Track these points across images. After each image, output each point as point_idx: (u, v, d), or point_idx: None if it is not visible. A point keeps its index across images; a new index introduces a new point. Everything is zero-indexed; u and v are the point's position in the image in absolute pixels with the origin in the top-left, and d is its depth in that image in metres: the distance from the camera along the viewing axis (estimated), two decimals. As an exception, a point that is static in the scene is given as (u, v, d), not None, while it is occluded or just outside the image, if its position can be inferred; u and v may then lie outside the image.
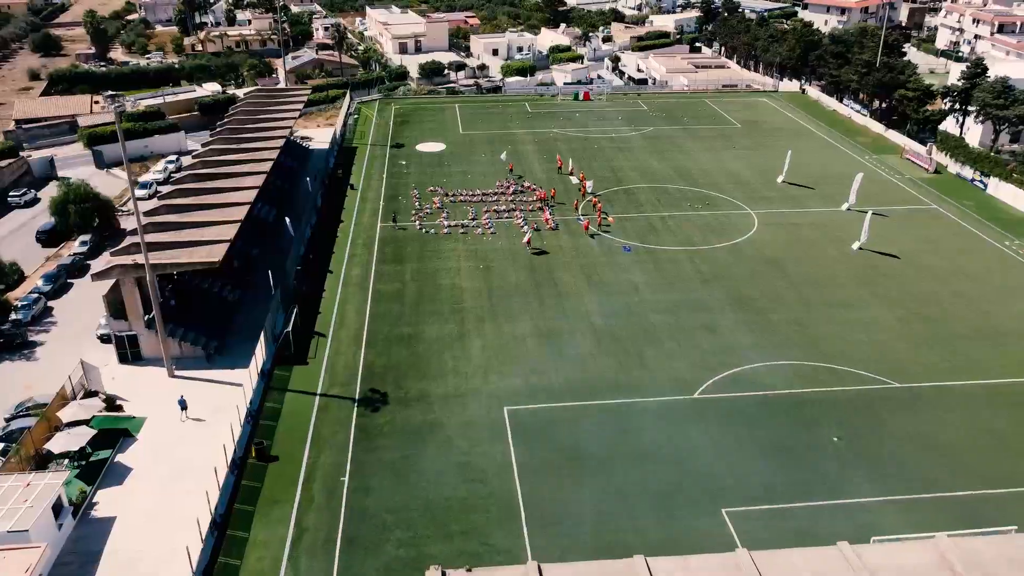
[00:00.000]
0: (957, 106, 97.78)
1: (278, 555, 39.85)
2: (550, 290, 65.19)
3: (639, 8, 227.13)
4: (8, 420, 49.62)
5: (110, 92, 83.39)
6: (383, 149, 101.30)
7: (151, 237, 55.55)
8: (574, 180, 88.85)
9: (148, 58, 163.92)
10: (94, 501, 43.34)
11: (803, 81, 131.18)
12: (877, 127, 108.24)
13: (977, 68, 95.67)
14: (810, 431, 48.64)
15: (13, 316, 60.71)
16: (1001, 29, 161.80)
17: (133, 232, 57.48)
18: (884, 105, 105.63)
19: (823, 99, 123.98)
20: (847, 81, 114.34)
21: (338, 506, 42.77)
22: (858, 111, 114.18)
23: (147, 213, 62.00)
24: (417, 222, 78.17)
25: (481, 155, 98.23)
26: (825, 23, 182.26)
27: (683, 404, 51.26)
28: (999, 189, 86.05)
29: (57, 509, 40.27)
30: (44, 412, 47.91)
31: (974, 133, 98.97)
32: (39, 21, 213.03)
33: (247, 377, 52.65)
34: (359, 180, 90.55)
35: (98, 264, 65.28)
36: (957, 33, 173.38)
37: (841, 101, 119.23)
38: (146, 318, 54.92)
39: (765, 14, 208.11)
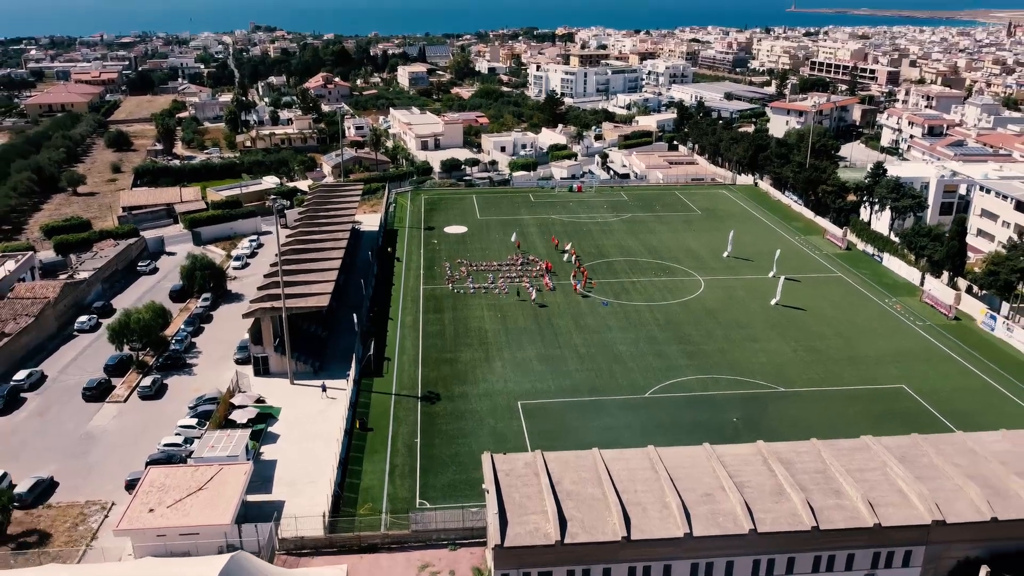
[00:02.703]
0: (864, 199, 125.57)
1: (381, 478, 65.25)
2: (548, 330, 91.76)
3: (628, 108, 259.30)
4: (193, 407, 75.32)
5: (273, 195, 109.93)
6: (418, 231, 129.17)
7: (276, 290, 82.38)
8: (566, 257, 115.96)
9: (208, 153, 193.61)
10: (260, 451, 68.92)
11: (756, 176, 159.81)
12: (809, 214, 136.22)
13: (878, 170, 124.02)
14: (720, 416, 74.18)
15: (172, 347, 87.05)
16: (931, 131, 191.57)
17: (261, 286, 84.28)
18: (813, 197, 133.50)
19: (771, 191, 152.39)
20: (786, 177, 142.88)
21: (414, 454, 68.28)
22: (795, 201, 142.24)
23: (266, 275, 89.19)
24: (450, 285, 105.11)
25: (496, 235, 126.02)
26: (786, 123, 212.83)
27: (637, 400, 77.07)
28: (890, 261, 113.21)
29: (245, 451, 65.94)
30: (222, 399, 73.97)
31: (886, 219, 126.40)
32: (103, 119, 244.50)
33: (345, 384, 78.69)
34: (403, 254, 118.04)
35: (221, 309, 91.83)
36: (897, 133, 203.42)
37: (783, 193, 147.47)
38: (275, 343, 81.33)
39: (736, 115, 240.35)
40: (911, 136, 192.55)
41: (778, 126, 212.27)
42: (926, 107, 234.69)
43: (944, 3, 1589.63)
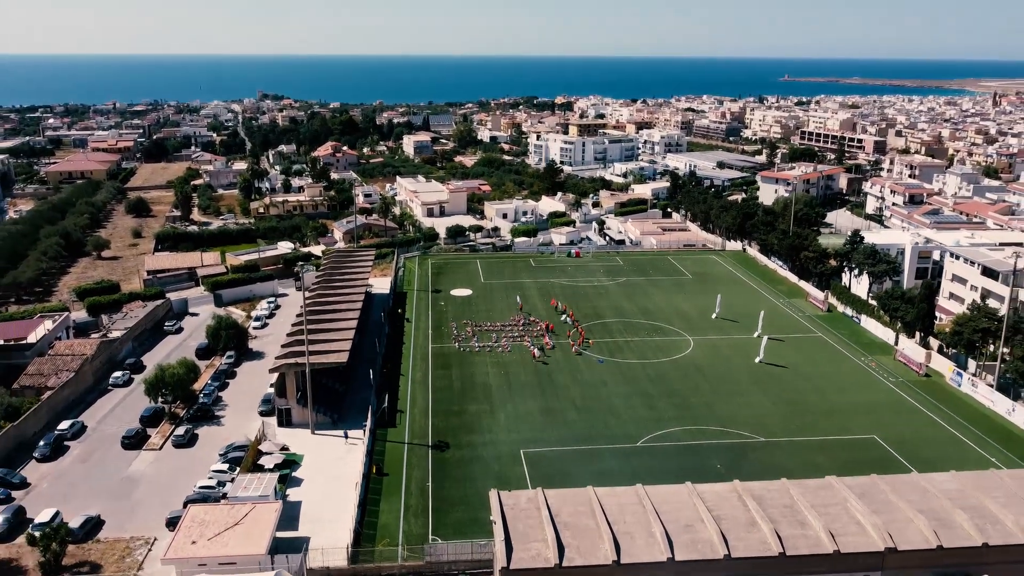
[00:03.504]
0: (844, 264, 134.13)
1: (397, 517, 72.14)
2: (549, 385, 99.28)
3: (624, 176, 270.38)
4: (224, 453, 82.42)
5: (300, 263, 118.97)
6: (426, 293, 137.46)
7: (299, 347, 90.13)
8: (564, 318, 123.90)
9: (223, 219, 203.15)
10: (286, 493, 75.89)
11: (745, 242, 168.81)
12: (793, 278, 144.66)
13: (855, 237, 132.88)
14: (704, 462, 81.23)
15: (201, 400, 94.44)
16: (911, 199, 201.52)
17: (286, 343, 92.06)
18: (796, 262, 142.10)
19: (758, 256, 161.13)
20: (771, 243, 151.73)
21: (426, 496, 75.24)
22: (780, 266, 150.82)
23: (289, 334, 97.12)
24: (457, 344, 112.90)
25: (499, 298, 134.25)
26: (775, 192, 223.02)
27: (630, 449, 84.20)
28: (867, 322, 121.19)
29: (274, 491, 72.95)
30: (250, 446, 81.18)
31: (865, 282, 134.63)
32: (121, 186, 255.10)
33: (362, 434, 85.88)
34: (412, 315, 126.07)
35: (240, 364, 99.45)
36: (881, 201, 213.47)
37: (769, 258, 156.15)
38: (298, 396, 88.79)
39: (728, 183, 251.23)
40: (893, 204, 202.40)
41: (768, 194, 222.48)
42: (910, 176, 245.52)
43: (935, 72, 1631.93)
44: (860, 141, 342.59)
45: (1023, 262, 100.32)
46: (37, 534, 64.99)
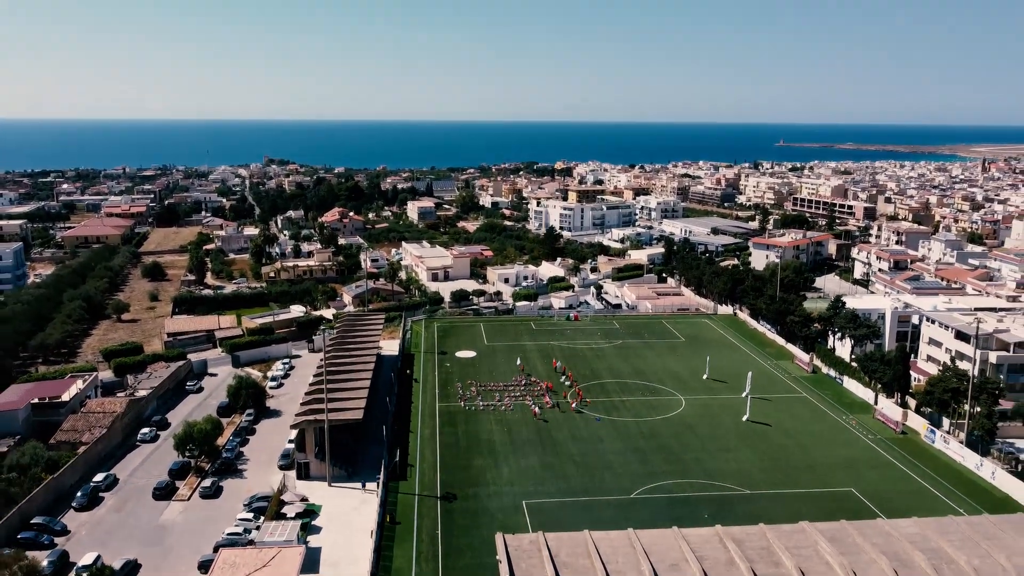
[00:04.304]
0: (828, 327, 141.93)
1: (410, 562, 78.63)
2: (549, 441, 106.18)
3: (621, 241, 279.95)
4: (248, 503, 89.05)
5: (322, 327, 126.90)
6: (432, 355, 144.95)
7: (317, 405, 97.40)
8: (563, 379, 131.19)
9: (236, 283, 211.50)
10: (307, 540, 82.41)
11: (735, 306, 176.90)
12: (781, 340, 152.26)
13: (837, 303, 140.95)
14: (693, 512, 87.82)
15: (224, 455, 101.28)
16: (896, 265, 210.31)
17: (305, 401, 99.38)
18: (782, 326, 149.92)
19: (748, 320, 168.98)
20: (760, 308, 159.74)
21: (436, 543, 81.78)
22: (769, 329, 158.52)
23: (307, 392, 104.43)
24: (462, 403, 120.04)
25: (502, 359, 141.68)
26: (766, 257, 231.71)
27: (624, 500, 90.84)
28: (849, 383, 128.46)
29: (297, 537, 79.52)
30: (273, 496, 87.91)
31: (848, 345, 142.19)
32: (136, 250, 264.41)
33: (375, 486, 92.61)
34: (420, 375, 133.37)
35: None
36: (867, 266, 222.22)
37: (758, 321, 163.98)
38: (316, 451, 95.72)
39: (721, 248, 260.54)
40: (878, 270, 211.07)
41: (759, 259, 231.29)
42: (897, 242, 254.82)
43: (928, 137, 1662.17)
44: (851, 207, 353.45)
45: (987, 327, 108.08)
46: (84, 575, 71.54)
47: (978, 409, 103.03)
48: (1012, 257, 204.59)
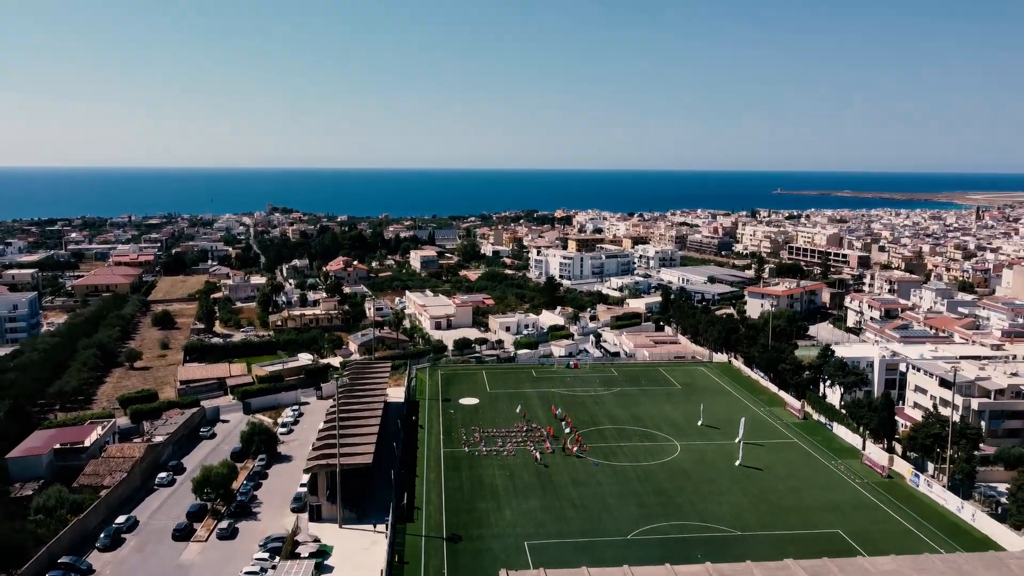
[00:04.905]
0: (818, 375, 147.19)
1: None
2: (549, 485, 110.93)
3: (620, 290, 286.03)
4: (263, 544, 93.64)
5: (336, 375, 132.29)
6: (437, 402, 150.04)
7: (329, 450, 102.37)
8: (563, 424, 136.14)
9: (244, 332, 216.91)
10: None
11: (730, 354, 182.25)
12: (773, 388, 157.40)
13: (826, 351, 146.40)
14: (686, 552, 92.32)
15: (239, 498, 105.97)
16: (887, 314, 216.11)
17: (317, 446, 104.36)
18: (775, 374, 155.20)
19: (742, 368, 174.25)
20: (753, 356, 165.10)
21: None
22: (762, 377, 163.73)
23: (319, 438, 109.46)
24: (466, 448, 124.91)
25: (503, 406, 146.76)
26: (761, 306, 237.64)
27: (621, 541, 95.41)
28: (838, 429, 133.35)
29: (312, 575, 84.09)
30: (287, 537, 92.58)
31: (839, 392, 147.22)
32: (145, 299, 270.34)
33: (384, 528, 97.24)
34: (425, 421, 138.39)
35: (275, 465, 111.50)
36: (859, 315, 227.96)
37: (752, 369, 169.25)
38: (327, 494, 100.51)
39: (718, 297, 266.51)
40: (870, 319, 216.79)
41: (754, 308, 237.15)
42: (889, 291, 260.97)
43: (924, 184, 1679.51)
44: (845, 256, 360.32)
45: (969, 374, 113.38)
46: (113, 609, 76.04)
47: (958, 453, 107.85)
48: (1000, 306, 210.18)
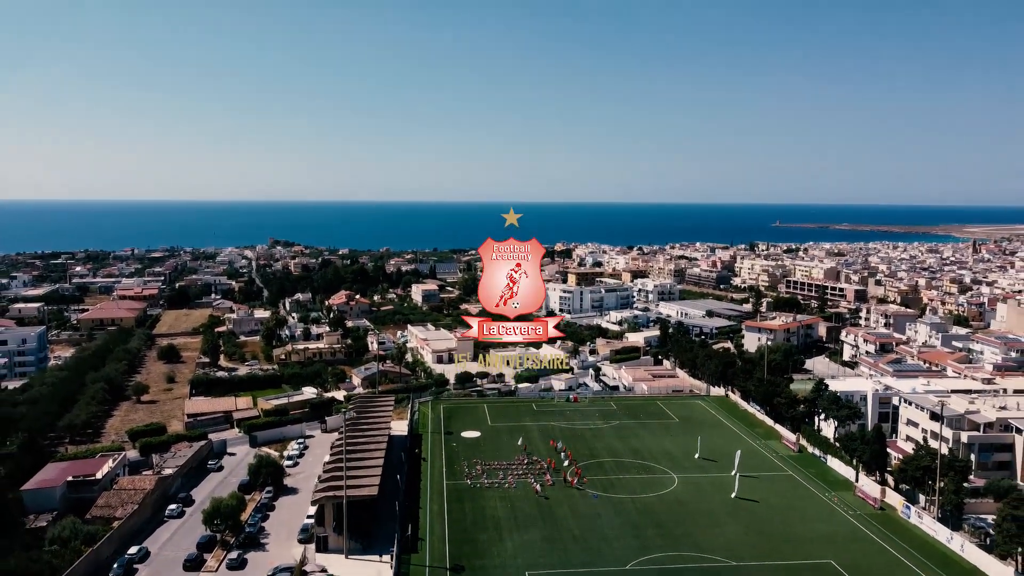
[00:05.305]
0: (811, 409, 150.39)
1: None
2: (549, 517, 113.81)
3: (619, 324, 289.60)
4: (272, 574, 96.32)
5: (344, 410, 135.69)
6: (439, 435, 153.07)
7: (336, 484, 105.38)
8: (562, 455, 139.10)
9: (249, 365, 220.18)
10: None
11: (727, 388, 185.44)
12: (769, 421, 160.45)
13: (820, 385, 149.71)
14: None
15: (247, 529, 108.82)
16: (882, 348, 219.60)
17: (325, 476, 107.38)
18: (770, 407, 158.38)
19: (739, 401, 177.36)
20: (749, 390, 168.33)
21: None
22: (758, 410, 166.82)
23: (325, 471, 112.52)
24: (468, 480, 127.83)
25: (504, 439, 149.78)
26: (758, 340, 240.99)
27: (619, 571, 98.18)
28: (832, 462, 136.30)
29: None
30: (296, 568, 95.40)
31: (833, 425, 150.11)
32: (150, 332, 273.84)
33: (389, 559, 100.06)
34: (428, 455, 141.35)
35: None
36: (855, 348, 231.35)
37: (748, 403, 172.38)
38: (333, 525, 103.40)
39: (715, 331, 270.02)
40: (865, 352, 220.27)
41: (752, 342, 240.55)
42: (885, 325, 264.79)
43: (922, 217, 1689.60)
44: (842, 290, 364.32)
45: (959, 408, 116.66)
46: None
47: (947, 485, 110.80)
48: (993, 340, 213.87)
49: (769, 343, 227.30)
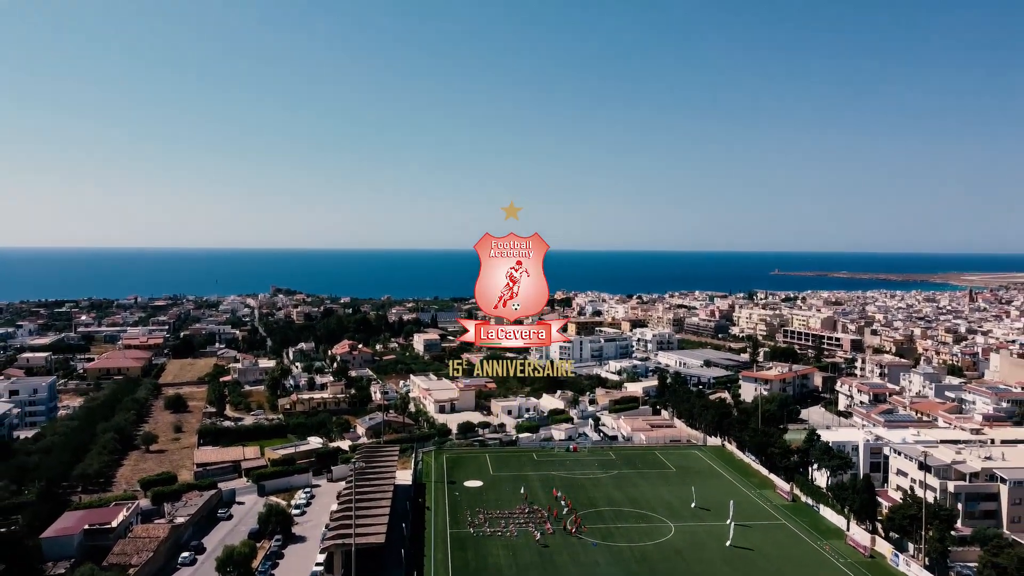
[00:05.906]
0: (804, 459, 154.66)
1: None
2: (550, 564, 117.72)
3: (619, 373, 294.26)
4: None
5: (354, 459, 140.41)
6: (442, 484, 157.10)
7: (345, 531, 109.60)
8: (561, 504, 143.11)
9: (255, 415, 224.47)
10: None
11: (724, 438, 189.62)
12: (764, 471, 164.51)
13: (811, 436, 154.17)
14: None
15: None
16: (875, 398, 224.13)
17: (331, 526, 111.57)
18: (765, 457, 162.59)
19: (735, 451, 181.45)
20: (744, 440, 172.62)
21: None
22: (753, 460, 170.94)
23: (334, 519, 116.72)
24: (471, 529, 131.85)
25: (506, 488, 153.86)
26: (755, 390, 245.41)
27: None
28: (824, 511, 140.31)
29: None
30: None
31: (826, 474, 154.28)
32: (156, 382, 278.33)
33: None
34: (431, 503, 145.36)
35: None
36: (849, 399, 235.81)
37: (744, 453, 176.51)
38: (342, 572, 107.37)
39: (713, 381, 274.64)
40: (859, 402, 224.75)
41: (748, 392, 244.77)
42: (880, 375, 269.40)
43: (921, 264, 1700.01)
44: (839, 340, 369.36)
45: (946, 458, 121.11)
46: None
47: (932, 534, 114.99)
48: (984, 390, 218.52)
49: (765, 393, 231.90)
